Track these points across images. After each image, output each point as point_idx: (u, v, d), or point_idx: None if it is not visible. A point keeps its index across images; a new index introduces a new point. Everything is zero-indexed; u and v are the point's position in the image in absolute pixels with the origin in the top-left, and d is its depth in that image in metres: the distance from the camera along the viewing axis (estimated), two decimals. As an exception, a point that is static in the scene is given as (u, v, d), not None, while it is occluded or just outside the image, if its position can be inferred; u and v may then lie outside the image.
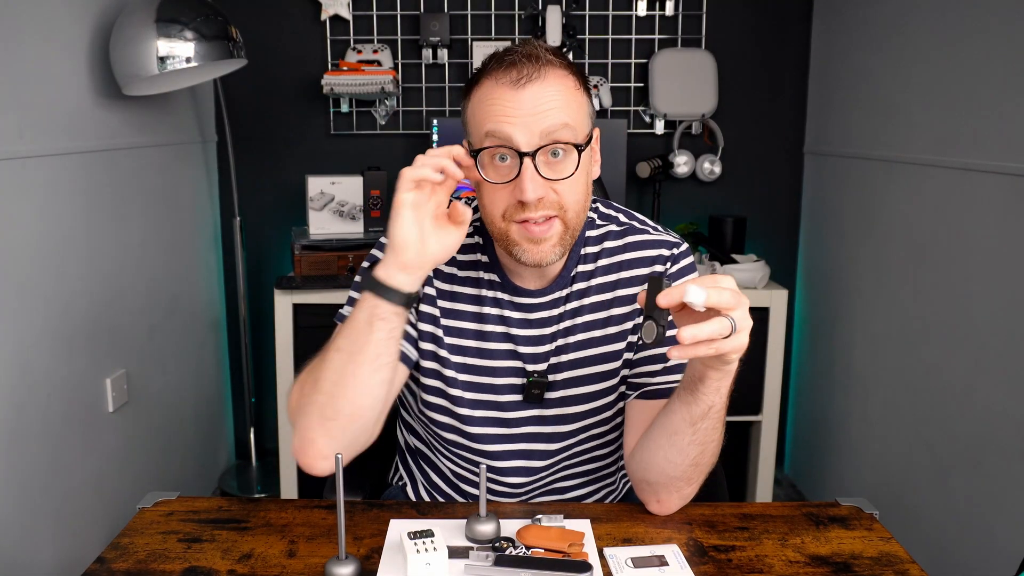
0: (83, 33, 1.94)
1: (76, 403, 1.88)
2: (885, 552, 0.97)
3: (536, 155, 0.98)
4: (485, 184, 1.01)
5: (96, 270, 1.97)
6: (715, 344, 0.83)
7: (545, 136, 0.98)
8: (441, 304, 1.14)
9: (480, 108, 1.01)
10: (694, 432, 0.97)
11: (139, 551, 0.95)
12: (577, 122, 1.01)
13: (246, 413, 2.72)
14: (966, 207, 1.87)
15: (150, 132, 2.27)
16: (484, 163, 1.01)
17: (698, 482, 1.03)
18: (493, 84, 1.00)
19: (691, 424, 0.96)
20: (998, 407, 1.74)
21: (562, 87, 1.00)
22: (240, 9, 2.53)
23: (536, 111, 0.98)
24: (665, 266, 1.13)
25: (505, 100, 0.99)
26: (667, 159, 2.65)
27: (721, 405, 0.95)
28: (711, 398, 0.94)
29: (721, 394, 0.94)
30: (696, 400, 0.95)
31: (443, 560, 0.89)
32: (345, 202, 2.49)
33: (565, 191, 1.01)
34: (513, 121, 0.98)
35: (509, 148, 0.98)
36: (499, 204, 1.01)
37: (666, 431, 0.99)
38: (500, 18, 2.65)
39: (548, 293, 1.12)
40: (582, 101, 1.03)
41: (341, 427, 0.99)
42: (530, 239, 1.01)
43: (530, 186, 0.97)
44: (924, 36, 2.06)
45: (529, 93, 0.98)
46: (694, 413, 0.95)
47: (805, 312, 2.78)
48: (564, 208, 1.01)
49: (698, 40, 2.68)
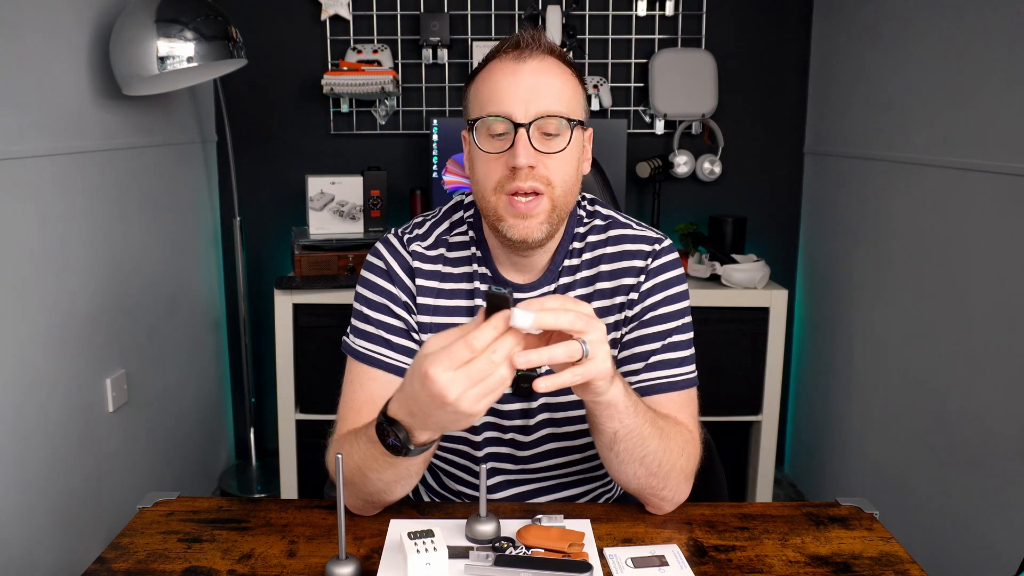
0: (83, 33, 1.94)
1: (76, 403, 1.88)
2: (885, 552, 0.97)
3: (531, 127, 1.01)
4: (479, 156, 1.04)
5: (96, 270, 1.97)
6: (571, 371, 0.81)
7: (541, 109, 1.01)
8: (436, 304, 1.14)
9: (482, 83, 1.05)
10: (616, 454, 0.98)
11: (139, 551, 0.95)
12: (572, 103, 1.05)
13: (246, 413, 2.72)
14: (966, 207, 1.87)
15: (150, 132, 2.27)
16: (480, 135, 1.04)
17: (674, 487, 1.03)
18: (497, 62, 1.05)
19: (609, 449, 0.98)
20: (998, 407, 1.74)
21: (560, 71, 1.05)
22: (240, 9, 2.53)
23: (534, 85, 1.02)
24: (646, 261, 1.13)
25: (506, 74, 1.03)
26: (667, 159, 2.65)
27: (627, 428, 0.95)
28: (610, 425, 0.94)
29: (621, 421, 0.93)
30: (600, 430, 0.96)
31: (443, 560, 0.89)
32: (345, 202, 2.49)
33: (555, 167, 1.03)
34: (512, 93, 1.01)
35: (505, 119, 1.01)
36: (492, 176, 1.03)
37: (602, 455, 1.02)
38: (500, 18, 2.65)
39: (536, 287, 1.13)
40: (578, 90, 1.07)
41: (380, 504, 1.03)
42: (517, 214, 1.03)
43: (523, 151, 1.00)
44: (924, 36, 2.06)
45: (529, 68, 1.02)
46: (605, 440, 0.97)
47: (805, 312, 2.78)
48: (552, 184, 1.03)
49: (698, 40, 2.67)
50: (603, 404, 0.91)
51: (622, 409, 0.93)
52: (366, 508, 1.03)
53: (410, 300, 1.13)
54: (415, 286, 1.13)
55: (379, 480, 0.96)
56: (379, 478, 0.96)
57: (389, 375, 1.10)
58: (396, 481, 0.97)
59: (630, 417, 0.94)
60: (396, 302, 1.12)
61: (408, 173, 2.72)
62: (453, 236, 1.16)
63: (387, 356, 1.11)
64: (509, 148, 1.01)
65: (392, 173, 2.65)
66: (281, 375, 2.38)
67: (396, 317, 1.12)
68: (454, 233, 1.16)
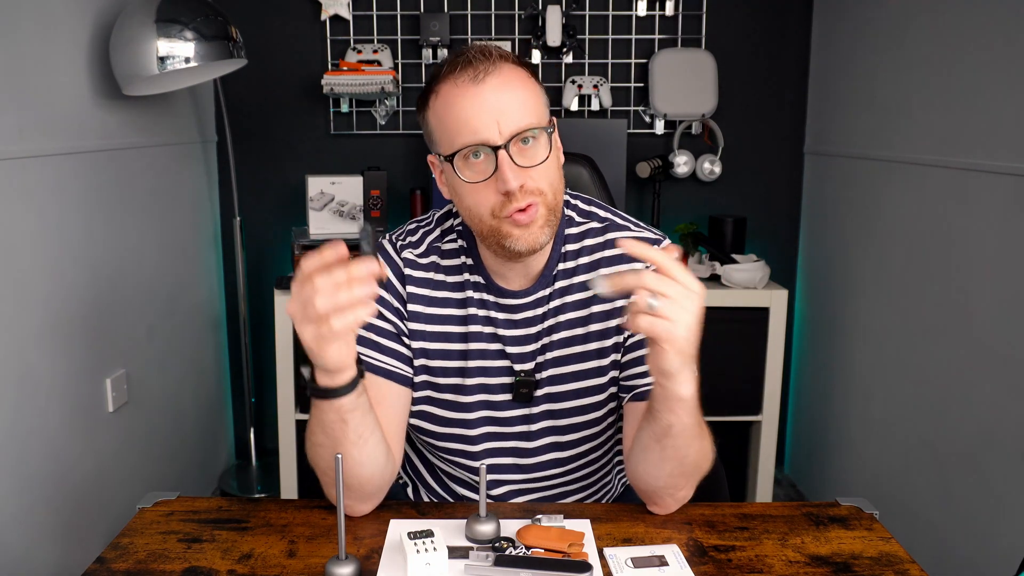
0: (83, 33, 1.94)
1: (76, 403, 1.88)
2: (885, 552, 0.97)
3: (509, 146, 1.00)
4: (465, 186, 1.03)
5: (96, 270, 1.97)
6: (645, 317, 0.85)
7: (513, 126, 1.00)
8: (428, 312, 1.14)
9: (445, 112, 1.03)
10: (662, 449, 0.98)
11: (139, 551, 0.95)
12: (538, 109, 1.04)
13: (246, 413, 2.72)
14: (966, 207, 1.87)
15: (150, 132, 2.27)
16: (459, 165, 1.02)
17: (691, 487, 1.04)
18: (452, 86, 1.02)
19: (657, 441, 0.98)
20: (998, 407, 1.74)
21: (518, 78, 1.03)
22: (240, 9, 2.53)
23: (500, 104, 1.00)
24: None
25: (468, 98, 1.01)
26: (667, 159, 2.64)
27: (683, 425, 0.95)
28: (667, 417, 0.94)
29: (678, 415, 0.94)
30: (655, 419, 0.96)
31: (443, 560, 0.89)
32: (345, 202, 2.49)
33: (541, 175, 1.03)
34: (481, 118, 1.00)
35: (482, 145, 1.00)
36: (484, 203, 1.03)
37: (640, 445, 1.01)
38: (500, 18, 2.65)
39: (531, 293, 1.12)
40: (538, 90, 1.06)
41: (357, 493, 1.02)
42: (518, 226, 1.02)
43: (510, 175, 0.99)
44: (924, 36, 2.06)
45: (489, 87, 1.00)
46: (656, 431, 0.97)
47: (805, 312, 2.78)
48: (543, 192, 1.03)
49: (698, 40, 2.67)
50: (672, 394, 0.91)
51: (688, 405, 0.93)
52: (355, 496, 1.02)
53: (401, 306, 1.13)
54: (406, 293, 1.13)
55: (321, 446, 0.98)
56: (320, 443, 0.98)
57: (378, 378, 1.10)
58: (332, 444, 0.97)
59: (688, 415, 0.94)
60: (387, 307, 1.12)
61: (408, 173, 2.72)
62: (445, 243, 1.16)
63: (376, 359, 1.11)
64: (493, 173, 1.00)
65: (392, 173, 2.65)
66: (281, 375, 2.38)
67: (386, 321, 1.12)
68: (446, 240, 1.16)
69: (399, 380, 1.12)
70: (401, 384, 1.12)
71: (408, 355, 1.13)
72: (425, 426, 1.16)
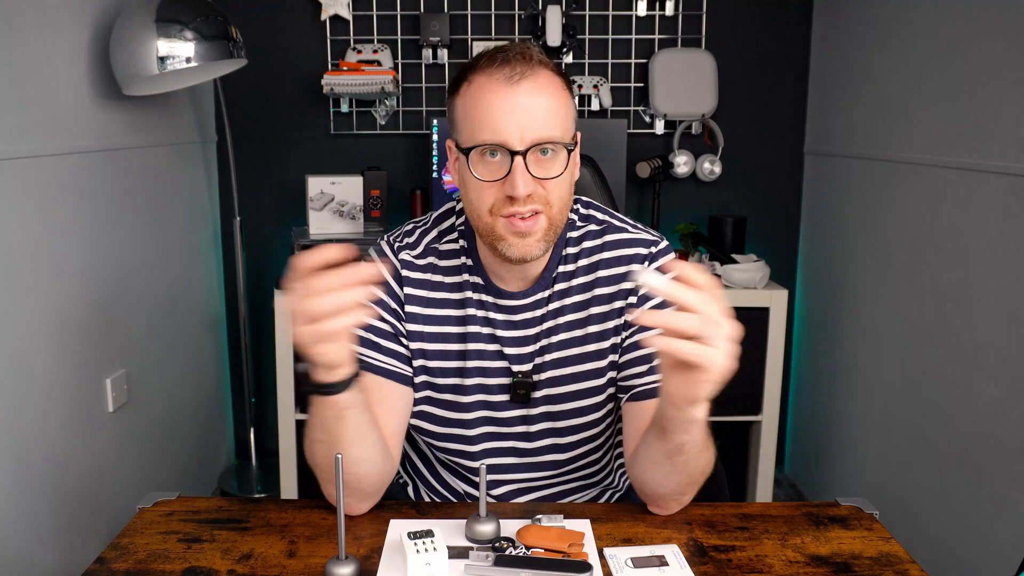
0: (83, 33, 1.94)
1: (76, 403, 1.88)
2: (885, 552, 0.97)
3: (527, 154, 0.99)
4: (474, 181, 1.02)
5: (96, 270, 1.97)
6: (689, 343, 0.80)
7: (536, 135, 0.99)
8: (425, 313, 1.14)
9: (472, 104, 1.02)
10: (672, 464, 0.97)
11: (139, 551, 0.95)
12: (566, 123, 1.03)
13: (246, 413, 2.72)
14: (966, 207, 1.87)
15: (150, 132, 2.27)
16: (474, 160, 1.02)
17: (695, 491, 1.04)
18: (486, 80, 1.01)
19: (668, 458, 0.97)
20: (998, 407, 1.74)
21: (552, 88, 1.02)
22: (240, 9, 2.53)
23: (529, 111, 0.99)
24: (643, 265, 1.12)
25: (499, 97, 1.00)
26: (667, 159, 2.64)
27: (695, 443, 0.94)
28: (680, 437, 0.93)
29: (691, 434, 0.93)
30: (667, 439, 0.94)
31: (443, 560, 0.89)
32: (345, 202, 2.49)
33: (552, 188, 1.02)
34: (507, 120, 0.99)
35: (500, 146, 0.99)
36: (486, 200, 1.02)
37: (648, 459, 1.00)
38: (500, 18, 2.65)
39: (530, 295, 1.12)
40: (569, 104, 1.05)
41: (355, 491, 1.02)
42: (516, 233, 1.02)
43: (521, 183, 0.99)
44: (924, 36, 2.06)
45: (523, 91, 0.99)
46: (668, 449, 0.95)
47: (805, 312, 2.78)
48: (550, 204, 1.03)
49: (698, 40, 2.67)
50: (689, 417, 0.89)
51: (700, 424, 0.92)
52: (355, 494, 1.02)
53: (398, 307, 1.13)
54: (403, 294, 1.13)
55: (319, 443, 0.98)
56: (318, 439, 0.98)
57: (377, 377, 1.10)
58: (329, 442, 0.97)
59: (700, 431, 0.93)
60: (385, 308, 1.13)
61: (408, 173, 2.73)
62: (443, 244, 1.15)
63: (375, 359, 1.11)
64: (505, 175, 1.00)
65: (392, 173, 2.65)
66: (281, 375, 2.37)
67: (384, 321, 1.12)
68: (444, 241, 1.16)
69: (398, 379, 1.12)
70: (400, 383, 1.12)
71: (407, 355, 1.14)
72: (425, 426, 1.17)
